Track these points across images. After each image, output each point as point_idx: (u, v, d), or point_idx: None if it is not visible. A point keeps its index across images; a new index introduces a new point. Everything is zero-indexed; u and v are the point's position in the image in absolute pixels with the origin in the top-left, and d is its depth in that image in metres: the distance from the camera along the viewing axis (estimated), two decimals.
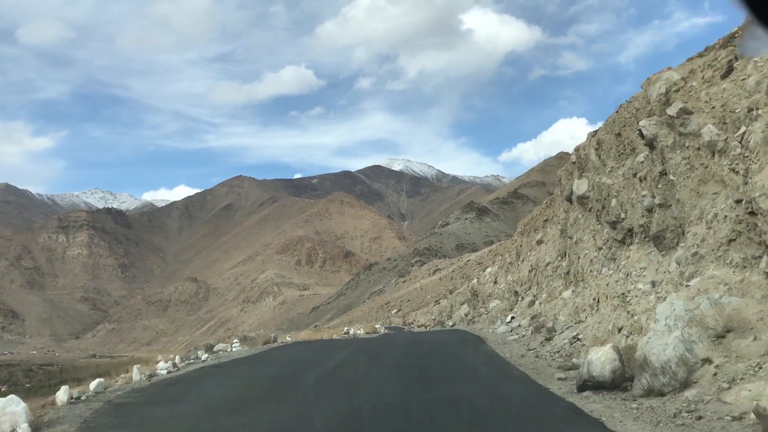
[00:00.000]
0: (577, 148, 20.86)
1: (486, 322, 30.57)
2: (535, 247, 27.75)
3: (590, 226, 18.61)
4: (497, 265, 35.41)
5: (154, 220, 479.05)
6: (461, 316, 43.28)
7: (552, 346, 15.78)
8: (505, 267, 33.90)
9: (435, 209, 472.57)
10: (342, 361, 16.79)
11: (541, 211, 28.32)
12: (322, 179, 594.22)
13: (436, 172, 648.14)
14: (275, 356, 19.36)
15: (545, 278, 25.06)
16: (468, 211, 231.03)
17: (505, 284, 32.92)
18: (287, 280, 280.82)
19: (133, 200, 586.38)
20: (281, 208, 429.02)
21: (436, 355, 16.93)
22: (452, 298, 50.94)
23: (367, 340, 26.85)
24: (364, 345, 22.39)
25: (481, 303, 35.95)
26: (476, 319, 35.32)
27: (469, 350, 18.04)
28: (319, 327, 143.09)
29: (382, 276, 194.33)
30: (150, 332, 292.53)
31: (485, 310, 34.31)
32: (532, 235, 28.39)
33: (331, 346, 22.16)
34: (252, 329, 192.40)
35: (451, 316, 48.09)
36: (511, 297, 29.12)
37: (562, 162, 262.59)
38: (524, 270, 27.99)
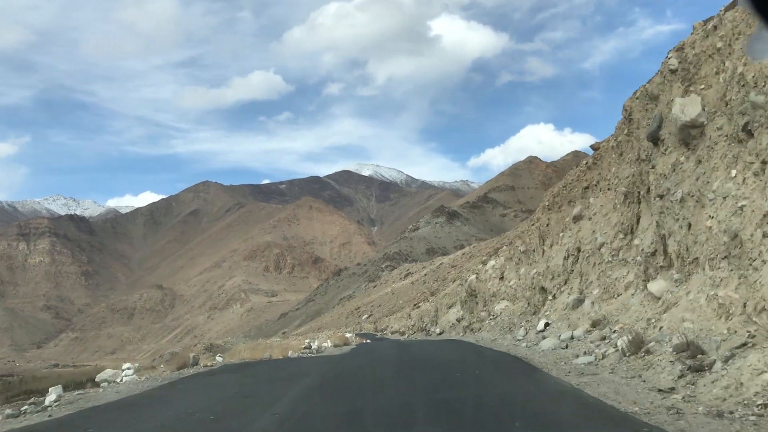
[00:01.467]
0: (682, 47, 12.50)
1: (497, 331, 22.18)
2: (570, 226, 19.49)
3: (721, 167, 10.42)
4: (504, 257, 27.06)
5: (119, 226, 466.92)
6: (451, 321, 35.06)
7: (732, 389, 7.31)
8: (516, 257, 25.55)
9: (404, 214, 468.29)
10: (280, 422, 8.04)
11: (578, 176, 19.98)
12: (291, 184, 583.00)
13: (405, 177, 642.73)
14: (157, 406, 10.63)
15: (596, 267, 16.72)
16: (438, 216, 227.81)
17: (518, 279, 24.60)
18: (255, 287, 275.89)
19: (96, 207, 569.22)
20: (248, 214, 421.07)
21: (491, 414, 7.86)
22: (437, 300, 42.70)
23: (335, 359, 18.23)
24: (332, 371, 14.00)
25: (482, 305, 27.60)
26: (476, 325, 27.02)
27: (549, 398, 8.76)
28: (287, 334, 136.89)
29: (352, 281, 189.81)
30: (115, 341, 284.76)
31: (489, 314, 26.02)
32: (565, 210, 20.12)
33: (274, 377, 13.46)
34: (219, 337, 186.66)
35: (437, 321, 39.82)
36: (534, 295, 20.72)
37: (531, 166, 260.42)
38: (556, 258, 19.64)
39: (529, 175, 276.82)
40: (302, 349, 22.20)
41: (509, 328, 21.03)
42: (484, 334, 23.62)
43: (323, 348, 23.53)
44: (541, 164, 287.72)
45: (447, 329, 34.58)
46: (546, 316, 18.50)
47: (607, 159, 18.25)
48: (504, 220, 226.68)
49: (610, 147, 18.18)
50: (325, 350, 22.97)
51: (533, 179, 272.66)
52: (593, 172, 19.16)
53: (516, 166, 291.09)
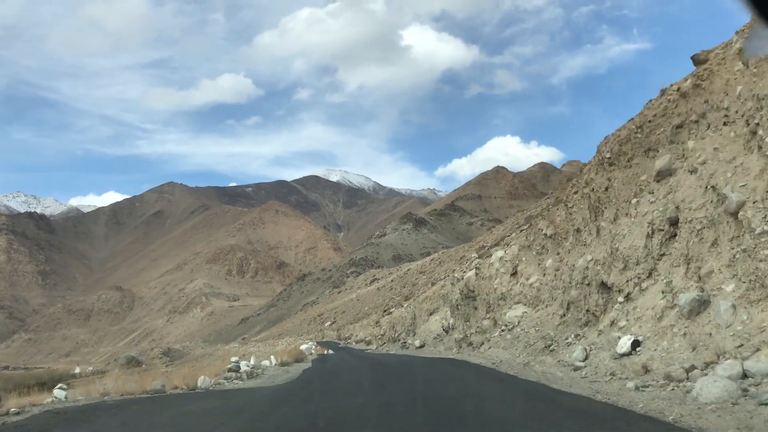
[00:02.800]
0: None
1: (518, 349, 14.76)
2: (651, 187, 12.13)
3: None
4: (517, 245, 19.40)
5: (80, 225, 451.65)
6: (435, 332, 27.70)
7: None
8: (539, 245, 18.05)
9: (371, 221, 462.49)
10: None
11: (664, 111, 12.48)
12: (257, 188, 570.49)
13: (373, 184, 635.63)
14: None
15: (724, 245, 9.33)
16: (405, 222, 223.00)
17: (542, 275, 17.20)
18: (217, 291, 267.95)
19: (58, 205, 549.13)
20: (213, 216, 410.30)
21: None
22: (415, 305, 35.15)
23: (265, 398, 10.28)
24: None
25: (484, 311, 20.14)
26: (476, 338, 19.70)
27: None
28: (246, 339, 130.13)
29: (316, 287, 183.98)
30: (70, 342, 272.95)
31: (496, 324, 18.65)
32: (639, 164, 12.66)
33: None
34: (178, 341, 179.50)
35: (415, 331, 32.32)
36: (586, 296, 13.23)
37: (498, 176, 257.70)
38: (629, 236, 12.19)
39: (496, 184, 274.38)
40: (227, 370, 14.33)
41: (544, 346, 13.64)
42: (494, 352, 16.36)
43: (261, 369, 15.76)
44: (508, 174, 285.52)
45: (429, 341, 27.33)
46: (621, 328, 11.07)
47: (724, 75, 10.83)
48: (471, 228, 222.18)
49: (728, 56, 10.73)
50: (262, 372, 15.24)
51: (500, 189, 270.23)
52: (692, 101, 11.75)
53: (483, 175, 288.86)
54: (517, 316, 18.00)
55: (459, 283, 23.29)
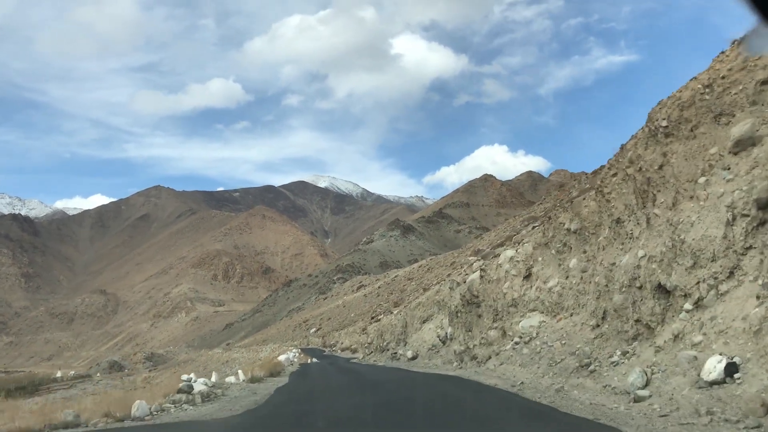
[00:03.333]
0: None
1: (539, 367, 11.86)
2: (726, 161, 9.23)
3: None
4: (532, 243, 16.29)
5: (65, 228, 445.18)
6: (429, 342, 24.71)
7: None
8: (559, 242, 14.95)
9: (359, 227, 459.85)
10: None
11: (744, 60, 9.57)
12: (244, 193, 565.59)
13: (361, 191, 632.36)
14: None
15: None
16: (393, 229, 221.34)
17: (564, 278, 14.24)
18: (202, 296, 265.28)
19: (43, 207, 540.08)
20: (199, 221, 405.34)
21: None
22: (406, 312, 32.10)
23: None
24: None
25: (491, 319, 17.20)
26: (480, 351, 16.81)
27: None
28: (231, 345, 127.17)
29: (302, 293, 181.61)
30: (52, 346, 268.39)
31: (505, 335, 15.77)
32: (708, 134, 9.61)
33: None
34: (162, 346, 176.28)
35: (406, 341, 29.29)
36: (634, 302, 10.25)
37: (486, 184, 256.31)
38: (698, 225, 9.24)
39: (484, 192, 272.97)
40: (175, 393, 11.23)
41: (578, 365, 10.68)
42: (508, 370, 13.47)
43: (223, 388, 12.60)
44: (496, 182, 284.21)
45: (423, 353, 24.41)
46: (695, 345, 8.15)
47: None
48: (458, 236, 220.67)
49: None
50: (223, 393, 12.10)
51: (488, 197, 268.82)
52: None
53: (472, 183, 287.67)
54: (532, 326, 15.08)
55: (459, 288, 20.29)
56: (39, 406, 53.82)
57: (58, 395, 69.55)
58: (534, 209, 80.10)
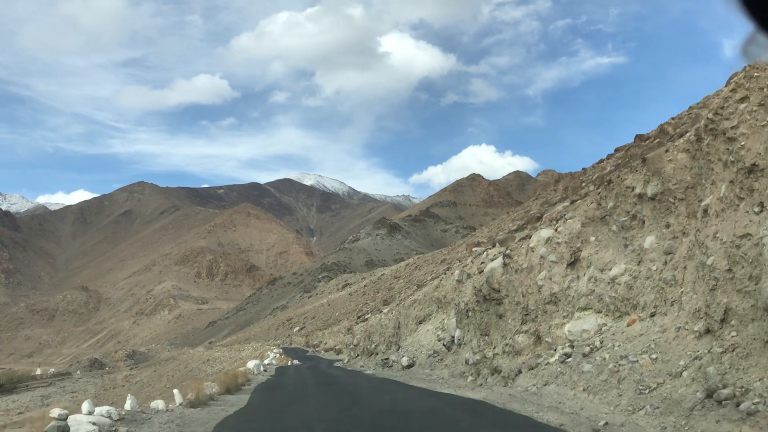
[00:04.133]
0: None
1: (630, 396, 7.59)
2: None
3: None
4: (579, 218, 11.96)
5: (46, 224, 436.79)
6: (428, 347, 20.39)
7: None
8: (627, 212, 10.62)
9: (345, 226, 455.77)
10: None
11: None
12: (229, 189, 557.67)
13: (347, 189, 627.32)
14: None
15: None
16: (379, 228, 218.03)
17: (632, 263, 9.94)
18: (185, 293, 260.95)
19: (24, 202, 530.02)
20: (183, 217, 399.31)
21: None
22: (399, 310, 27.71)
23: None
24: None
25: (518, 321, 12.83)
26: (504, 362, 12.50)
27: None
28: (213, 343, 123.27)
29: (287, 291, 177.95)
30: (32, 343, 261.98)
31: (538, 342, 11.48)
32: None
33: None
34: (144, 343, 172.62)
35: (399, 344, 24.99)
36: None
37: (474, 184, 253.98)
38: None
39: (472, 192, 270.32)
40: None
41: (701, 396, 6.36)
42: (562, 393, 9.19)
43: (136, 424, 8.10)
44: (483, 182, 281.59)
45: (422, 360, 20.13)
46: None
47: None
48: (445, 235, 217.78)
49: None
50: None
51: (475, 196, 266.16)
52: None
53: (459, 182, 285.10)
54: (586, 330, 10.78)
55: (472, 280, 15.87)
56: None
57: (36, 393, 65.20)
58: (529, 204, 76.32)
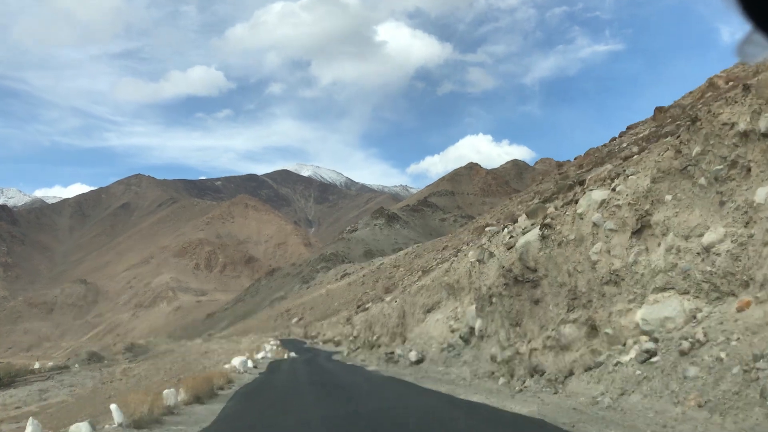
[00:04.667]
0: None
1: None
2: None
3: None
4: (648, 173, 9.05)
5: (43, 217, 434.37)
6: (440, 339, 17.57)
7: None
8: (727, 157, 7.82)
9: (343, 216, 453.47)
10: None
11: None
12: (227, 181, 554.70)
13: (345, 180, 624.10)
14: None
15: None
16: (377, 218, 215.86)
17: (737, 225, 7.19)
18: (184, 285, 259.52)
19: (21, 196, 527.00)
20: (181, 210, 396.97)
21: None
22: (404, 297, 24.65)
23: None
24: None
25: (566, 307, 9.94)
26: (550, 363, 9.69)
27: None
28: (212, 335, 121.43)
29: (285, 282, 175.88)
30: (31, 336, 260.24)
31: (593, 335, 8.58)
32: None
33: None
34: (142, 336, 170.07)
35: (405, 336, 22.16)
36: None
37: (472, 173, 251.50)
38: None
39: (470, 181, 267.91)
40: None
41: None
42: (640, 405, 6.54)
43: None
44: (481, 171, 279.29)
45: (434, 355, 17.45)
46: None
47: None
48: (443, 224, 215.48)
49: None
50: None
51: (473, 186, 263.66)
52: None
53: (457, 171, 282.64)
54: (668, 318, 7.94)
55: (498, 259, 12.89)
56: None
57: (34, 387, 62.97)
58: (532, 189, 73.42)
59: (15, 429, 31.18)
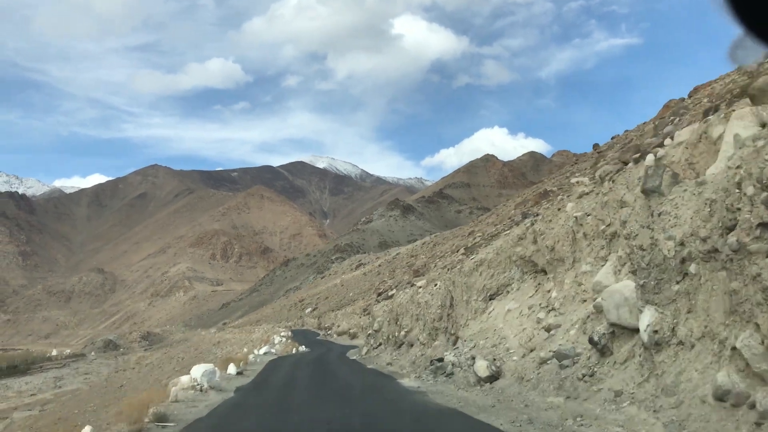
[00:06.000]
0: None
1: None
2: None
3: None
4: None
5: (61, 206, 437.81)
6: (527, 344, 12.72)
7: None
8: None
9: (358, 208, 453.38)
10: None
11: None
12: (243, 173, 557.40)
13: (360, 172, 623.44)
14: None
15: None
16: (393, 209, 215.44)
17: None
18: (200, 275, 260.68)
19: (40, 186, 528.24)
20: (197, 200, 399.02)
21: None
22: (454, 278, 19.36)
23: None
24: None
25: None
26: None
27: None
28: (227, 325, 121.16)
29: (300, 272, 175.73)
30: (50, 324, 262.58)
31: None
32: None
33: None
34: (159, 325, 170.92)
35: (456, 334, 16.50)
36: None
37: (488, 164, 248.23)
38: None
39: (486, 173, 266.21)
40: None
41: None
42: None
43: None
44: (497, 163, 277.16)
45: (520, 368, 11.57)
46: None
47: None
48: (459, 216, 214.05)
49: None
50: None
51: (489, 177, 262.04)
52: None
53: (473, 163, 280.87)
54: None
55: (705, 190, 7.09)
56: None
57: (50, 374, 62.97)
58: (547, 180, 72.00)
59: (26, 417, 30.98)
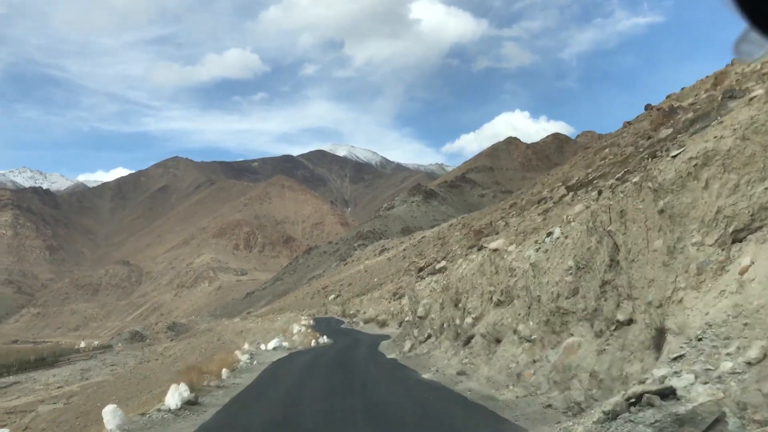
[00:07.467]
0: None
1: None
2: None
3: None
4: None
5: (85, 200, 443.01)
6: None
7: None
8: None
9: (379, 195, 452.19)
10: None
11: None
12: (263, 162, 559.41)
13: (380, 159, 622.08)
14: None
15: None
16: (415, 194, 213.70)
17: None
18: (224, 265, 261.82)
19: (64, 180, 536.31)
20: (219, 191, 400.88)
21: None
22: (595, 207, 9.45)
23: None
24: None
25: None
26: None
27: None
28: (251, 314, 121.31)
29: (323, 260, 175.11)
30: (78, 317, 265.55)
31: None
32: None
33: None
34: (185, 315, 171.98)
35: (663, 327, 6.59)
36: None
37: (511, 147, 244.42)
38: None
39: (509, 156, 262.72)
40: None
41: None
42: None
43: None
44: (520, 145, 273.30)
45: None
46: None
47: None
48: (482, 200, 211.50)
49: None
50: None
51: (512, 161, 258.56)
52: None
53: (495, 146, 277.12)
54: None
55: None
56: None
57: (77, 366, 63.24)
58: (559, 170, 70.13)
59: (51, 410, 30.50)
